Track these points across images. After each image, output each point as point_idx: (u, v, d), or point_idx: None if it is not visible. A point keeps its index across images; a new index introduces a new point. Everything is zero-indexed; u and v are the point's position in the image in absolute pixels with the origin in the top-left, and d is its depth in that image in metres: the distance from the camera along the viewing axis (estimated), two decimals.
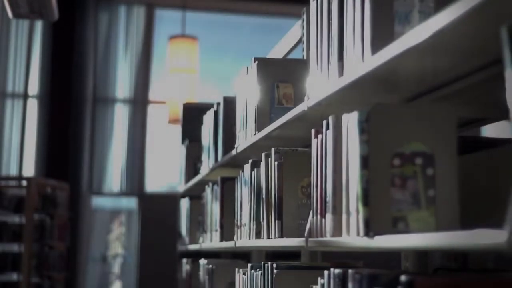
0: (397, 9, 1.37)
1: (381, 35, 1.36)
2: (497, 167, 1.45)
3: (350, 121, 1.39)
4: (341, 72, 1.54)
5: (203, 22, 7.01)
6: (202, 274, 3.37)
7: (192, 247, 3.72)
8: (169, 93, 5.88)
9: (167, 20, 6.93)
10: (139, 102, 6.95)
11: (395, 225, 1.28)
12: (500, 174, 1.42)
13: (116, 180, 6.84)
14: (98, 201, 7.06)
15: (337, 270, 1.47)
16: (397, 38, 1.28)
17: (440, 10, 1.11)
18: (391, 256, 1.95)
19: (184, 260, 3.92)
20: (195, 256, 3.68)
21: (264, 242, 2.13)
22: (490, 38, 1.14)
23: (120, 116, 6.92)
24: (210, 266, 3.11)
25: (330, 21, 1.61)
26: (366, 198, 1.30)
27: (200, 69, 6.17)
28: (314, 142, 1.66)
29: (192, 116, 4.06)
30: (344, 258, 2.03)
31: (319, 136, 1.63)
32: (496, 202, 1.38)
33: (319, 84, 1.69)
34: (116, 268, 7.30)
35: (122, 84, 6.94)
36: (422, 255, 1.66)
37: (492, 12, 0.99)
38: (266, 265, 2.02)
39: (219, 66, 7.31)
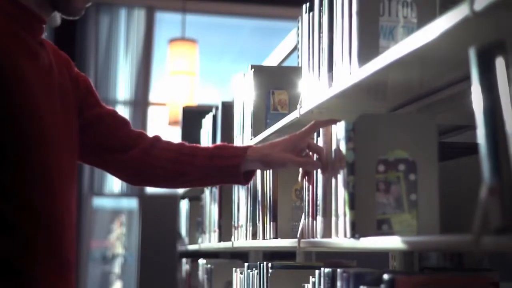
0: (382, 24, 1.45)
1: (368, 49, 1.45)
2: (476, 172, 1.54)
3: (338, 129, 1.48)
4: (330, 82, 1.63)
5: (202, 25, 7.09)
6: (201, 273, 3.45)
7: (192, 247, 3.80)
8: (169, 95, 5.96)
9: (167, 23, 7.02)
10: (140, 104, 7.03)
11: (380, 227, 1.37)
12: (479, 178, 1.50)
13: (117, 181, 6.92)
14: (99, 202, 7.15)
15: (327, 270, 1.56)
16: (382, 52, 1.37)
17: (422, 25, 1.20)
18: (384, 256, 2.04)
19: (184, 260, 4.01)
20: (194, 256, 3.77)
21: (260, 243, 2.22)
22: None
23: None
24: (209, 265, 3.20)
25: (321, 34, 1.70)
26: (353, 202, 1.39)
27: (200, 71, 6.26)
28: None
29: (191, 119, 4.13)
30: (339, 258, 2.13)
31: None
32: (473, 205, 1.47)
33: (311, 93, 1.78)
34: (116, 268, 7.39)
35: (123, 86, 7.02)
36: (408, 255, 1.75)
37: (470, 31, 1.08)
38: (261, 264, 2.11)
39: (218, 68, 7.39)
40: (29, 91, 1.47)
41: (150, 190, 6.96)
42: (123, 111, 7.00)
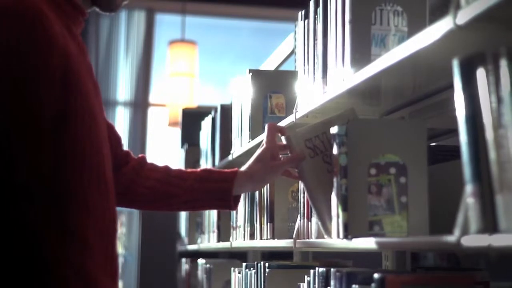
0: (374, 33, 1.51)
1: (360, 56, 1.51)
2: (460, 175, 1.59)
3: (332, 134, 1.53)
4: (324, 88, 1.69)
5: (202, 26, 7.14)
6: (200, 273, 3.51)
7: (191, 247, 3.86)
8: (169, 97, 6.01)
9: (167, 24, 7.07)
10: (140, 105, 7.09)
11: (371, 228, 1.43)
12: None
13: None
14: None
15: (321, 269, 1.61)
16: (374, 59, 1.42)
17: (413, 33, 1.25)
18: (379, 256, 2.09)
19: (184, 260, 4.07)
20: (194, 256, 3.82)
21: (257, 243, 2.27)
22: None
23: (121, 118, 7.06)
24: (208, 265, 3.25)
25: (316, 41, 1.75)
26: (345, 204, 1.45)
27: (200, 72, 6.31)
28: None
29: (191, 121, 4.19)
30: (336, 258, 2.18)
31: None
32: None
33: (306, 97, 1.84)
34: None
35: (123, 87, 7.07)
36: (401, 254, 1.80)
37: (455, 42, 1.13)
38: (259, 264, 2.16)
39: (218, 69, 7.44)
40: (87, 92, 1.40)
41: None
42: (123, 112, 7.06)
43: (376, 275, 1.28)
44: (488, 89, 0.94)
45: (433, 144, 1.99)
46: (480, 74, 0.96)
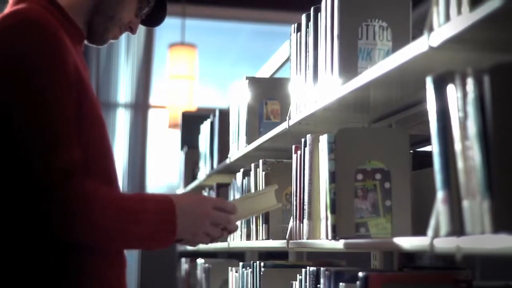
0: (360, 47, 1.61)
1: (348, 69, 1.61)
2: None
3: (322, 141, 1.63)
4: (315, 97, 1.78)
5: (202, 29, 7.23)
6: (199, 272, 3.60)
7: (190, 247, 3.96)
8: (169, 99, 6.11)
9: (167, 27, 7.15)
10: (140, 107, 7.17)
11: (358, 230, 1.53)
12: None
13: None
14: None
15: (312, 268, 1.71)
16: (361, 71, 1.52)
17: (397, 47, 1.35)
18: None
19: (183, 260, 4.16)
20: (193, 255, 3.92)
21: (253, 243, 2.37)
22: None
23: (122, 120, 7.14)
24: (207, 265, 3.35)
25: (307, 53, 1.85)
26: (334, 207, 1.55)
27: (200, 73, 6.40)
28: (294, 156, 1.91)
29: (191, 124, 4.29)
30: (330, 257, 2.27)
31: (299, 152, 1.87)
32: None
33: (299, 106, 1.94)
34: None
35: (124, 89, 7.16)
36: (389, 254, 1.90)
37: (429, 60, 1.23)
38: (255, 264, 2.26)
39: (218, 71, 7.53)
40: (96, 104, 1.53)
41: (150, 191, 7.10)
42: (124, 114, 7.14)
43: (360, 274, 1.38)
44: (457, 104, 1.04)
45: (421, 149, 2.09)
46: (450, 90, 1.06)
